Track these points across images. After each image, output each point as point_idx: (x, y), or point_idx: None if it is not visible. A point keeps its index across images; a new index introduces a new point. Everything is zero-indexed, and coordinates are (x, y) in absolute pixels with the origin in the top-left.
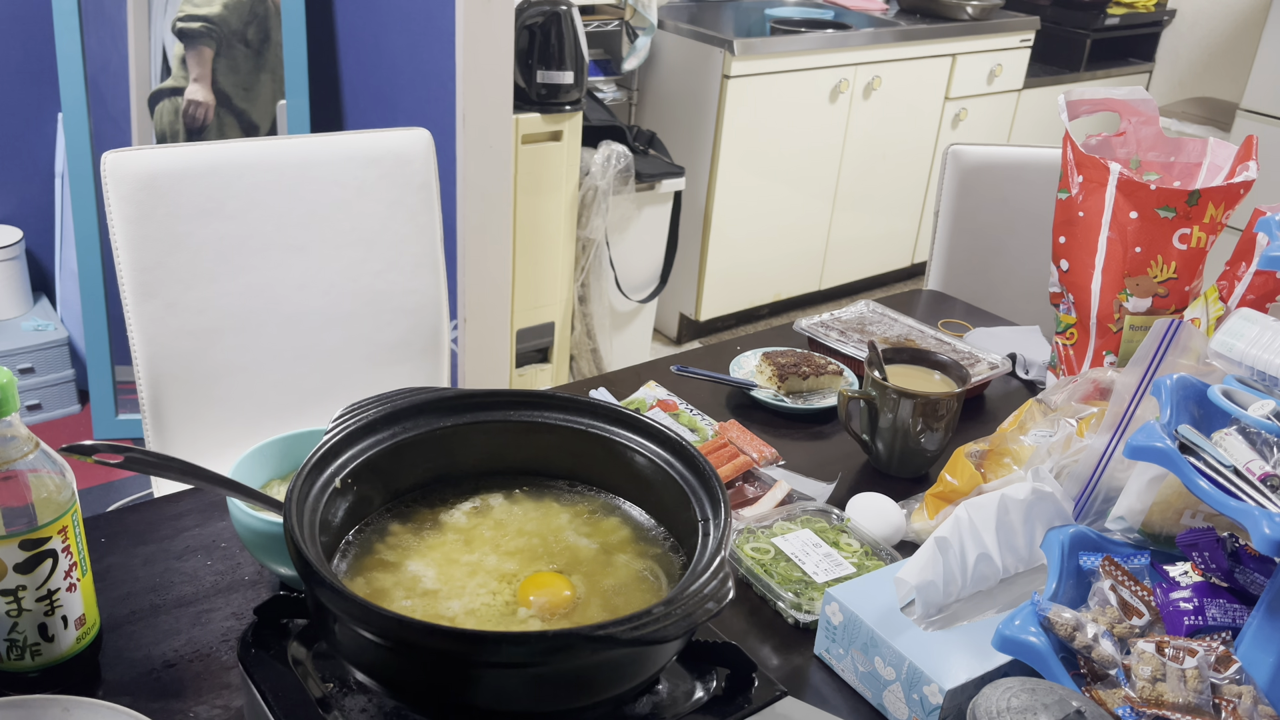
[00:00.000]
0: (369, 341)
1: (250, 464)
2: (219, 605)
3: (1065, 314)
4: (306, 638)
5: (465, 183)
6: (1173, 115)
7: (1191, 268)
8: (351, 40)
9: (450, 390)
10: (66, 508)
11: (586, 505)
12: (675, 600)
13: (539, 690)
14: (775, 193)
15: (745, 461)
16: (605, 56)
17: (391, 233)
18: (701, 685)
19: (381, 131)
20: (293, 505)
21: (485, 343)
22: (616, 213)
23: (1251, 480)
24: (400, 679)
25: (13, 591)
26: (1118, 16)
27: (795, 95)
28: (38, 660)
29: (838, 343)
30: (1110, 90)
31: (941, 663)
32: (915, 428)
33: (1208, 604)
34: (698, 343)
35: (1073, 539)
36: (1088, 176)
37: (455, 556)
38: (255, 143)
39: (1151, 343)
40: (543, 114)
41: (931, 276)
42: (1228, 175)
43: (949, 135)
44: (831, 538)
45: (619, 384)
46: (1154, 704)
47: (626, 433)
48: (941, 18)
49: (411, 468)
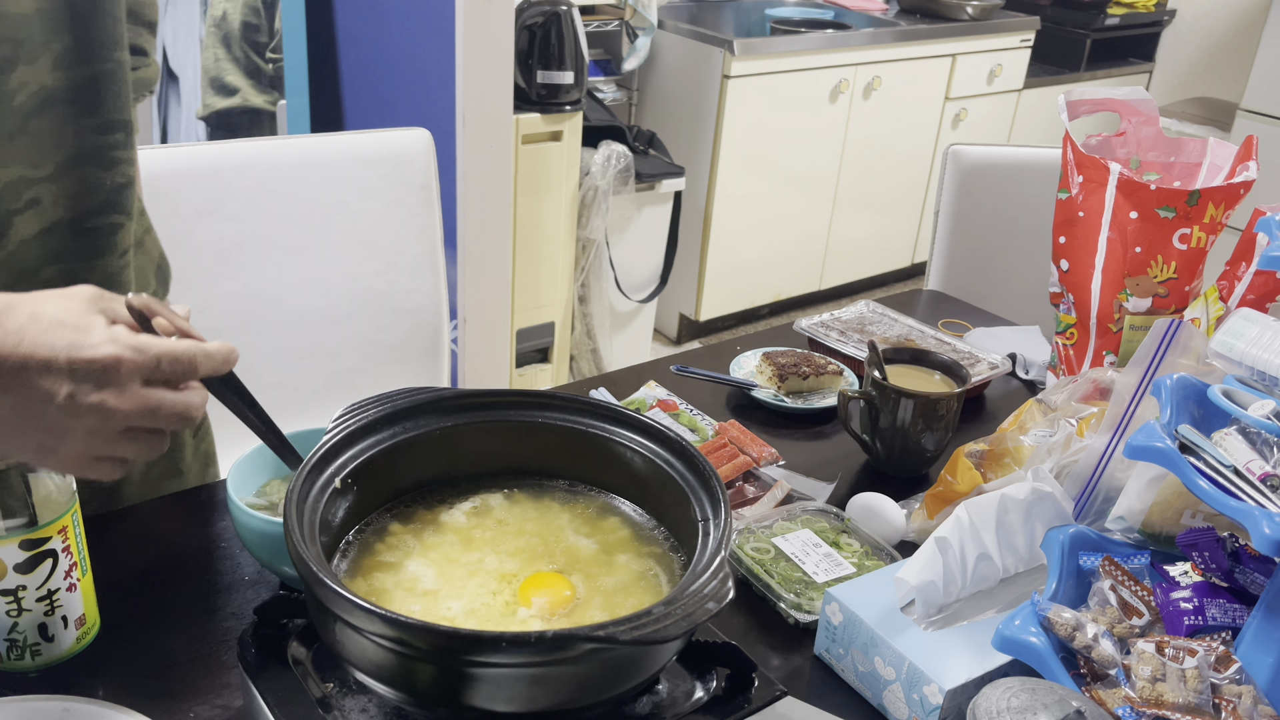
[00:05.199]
0: (369, 341)
1: (250, 464)
2: (219, 605)
3: (1065, 314)
4: (306, 638)
5: (465, 183)
6: (1173, 115)
7: (1191, 268)
8: (351, 40)
9: (450, 390)
10: (66, 508)
11: (586, 505)
12: (675, 600)
13: (539, 690)
14: (775, 193)
15: (745, 461)
16: (605, 56)
17: (391, 233)
18: (701, 685)
19: (381, 131)
20: (293, 505)
21: (485, 343)
22: (616, 213)
23: (1251, 480)
24: (400, 679)
25: (13, 591)
26: (1118, 16)
27: (795, 95)
28: (38, 660)
29: (838, 343)
30: (1110, 90)
31: (941, 663)
32: (915, 428)
33: (1208, 604)
34: (698, 343)
35: (1073, 539)
36: (1088, 176)
37: (455, 556)
38: (255, 143)
39: (1151, 343)
40: (543, 114)
41: (931, 276)
42: (1228, 175)
43: (949, 135)
44: (831, 538)
45: (619, 384)
46: (1154, 704)
47: (626, 433)
48: (941, 18)
49: (411, 468)
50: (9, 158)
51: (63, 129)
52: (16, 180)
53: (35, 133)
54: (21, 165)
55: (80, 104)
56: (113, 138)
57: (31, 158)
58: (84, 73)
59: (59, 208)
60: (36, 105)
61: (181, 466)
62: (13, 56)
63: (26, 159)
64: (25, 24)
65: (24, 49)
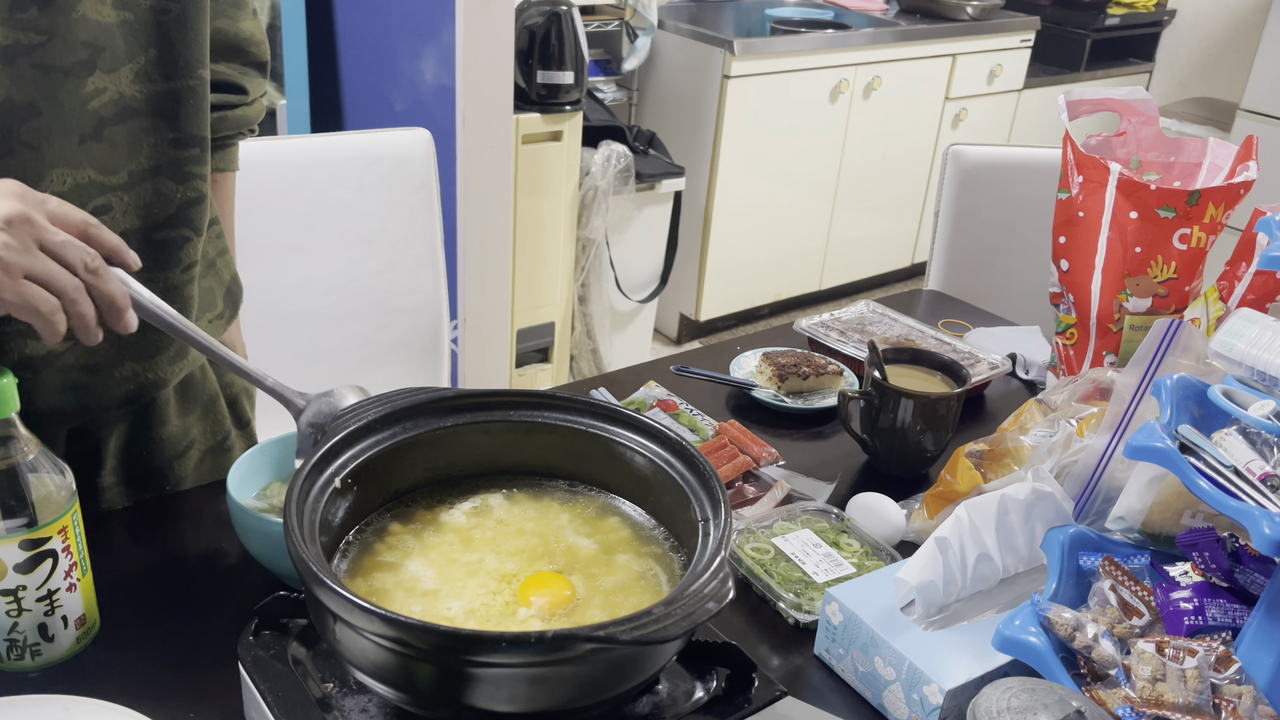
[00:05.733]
0: (369, 341)
1: (250, 464)
2: (219, 605)
3: (1065, 314)
4: (306, 638)
5: (465, 183)
6: (1173, 115)
7: (1191, 268)
8: (351, 40)
9: (450, 390)
10: (66, 508)
11: (586, 505)
12: (675, 600)
13: (539, 690)
14: (775, 193)
15: (745, 461)
16: (605, 56)
17: (391, 233)
18: (701, 685)
19: (381, 131)
20: (293, 505)
21: (485, 343)
22: (616, 213)
23: (1251, 480)
24: (400, 679)
25: (13, 591)
26: (1118, 16)
27: (795, 95)
28: (38, 660)
29: (838, 343)
30: (1110, 90)
31: (941, 663)
32: (915, 428)
33: (1208, 604)
34: (698, 343)
35: (1073, 539)
36: (1088, 176)
37: (455, 557)
38: (255, 143)
39: (1151, 343)
40: (543, 114)
41: (931, 276)
42: (1228, 175)
43: (949, 135)
44: (831, 538)
45: (619, 384)
46: (1154, 704)
47: (626, 433)
48: (941, 18)
49: (411, 468)
50: (81, 160)
51: (139, 140)
52: (87, 184)
53: (111, 140)
54: (94, 170)
55: (159, 117)
56: (188, 153)
57: (105, 164)
58: (165, 87)
59: (129, 217)
60: (114, 114)
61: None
62: (90, 62)
63: (99, 165)
64: (106, 32)
65: (103, 56)
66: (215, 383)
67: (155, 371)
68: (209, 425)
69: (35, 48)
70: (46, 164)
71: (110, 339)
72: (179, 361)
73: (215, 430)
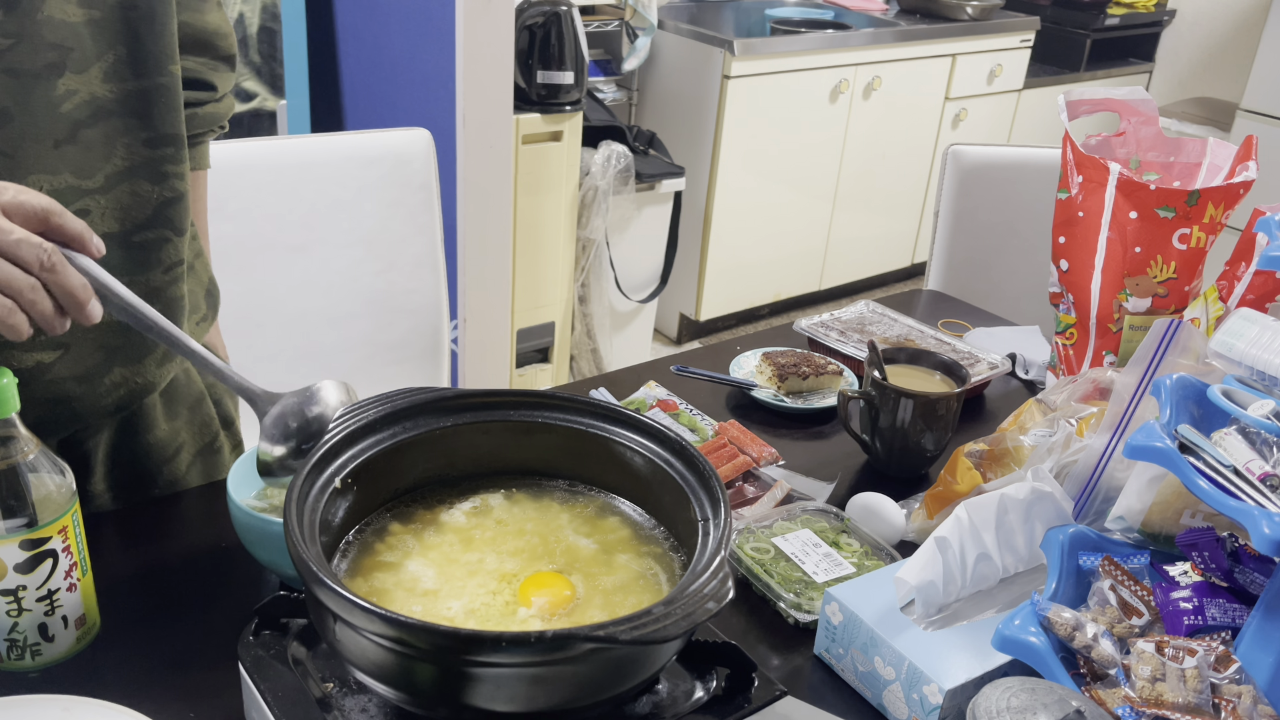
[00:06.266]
0: (369, 341)
1: (250, 464)
2: (219, 605)
3: (1065, 314)
4: (306, 638)
5: (465, 183)
6: (1173, 115)
7: (1191, 268)
8: (351, 40)
9: (450, 390)
10: (66, 508)
11: (586, 505)
12: (675, 600)
13: (539, 690)
14: (775, 193)
15: (745, 461)
16: (605, 56)
17: (391, 233)
18: (701, 685)
19: (381, 131)
20: (293, 505)
21: (485, 343)
22: (616, 213)
23: (1251, 480)
24: (400, 679)
25: (13, 591)
26: (1118, 16)
27: (795, 95)
28: (38, 660)
29: (838, 343)
30: (1110, 90)
31: (941, 663)
32: (915, 428)
33: (1207, 604)
34: (698, 343)
35: (1073, 539)
36: (1087, 176)
37: (455, 556)
38: (255, 143)
39: (1151, 343)
40: (543, 114)
41: (931, 276)
42: (1227, 175)
43: (949, 135)
44: (831, 538)
45: (619, 384)
46: (1154, 704)
47: (626, 433)
48: (941, 18)
49: (411, 468)
50: (57, 165)
51: (113, 141)
52: (65, 189)
53: (85, 143)
54: (70, 174)
55: (132, 117)
56: (164, 152)
57: (81, 168)
58: (136, 86)
59: (108, 220)
60: (87, 116)
61: (219, 460)
62: (59, 63)
63: (75, 169)
64: (74, 33)
65: (72, 57)
66: (200, 384)
67: (144, 376)
68: (197, 427)
69: (3, 52)
70: (22, 171)
71: (97, 345)
72: (166, 364)
73: (204, 432)
